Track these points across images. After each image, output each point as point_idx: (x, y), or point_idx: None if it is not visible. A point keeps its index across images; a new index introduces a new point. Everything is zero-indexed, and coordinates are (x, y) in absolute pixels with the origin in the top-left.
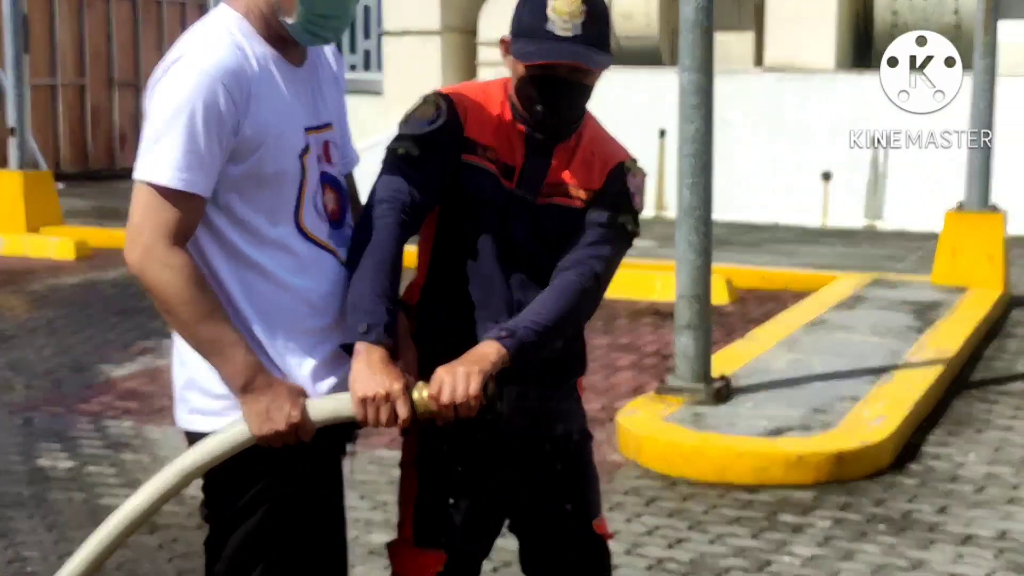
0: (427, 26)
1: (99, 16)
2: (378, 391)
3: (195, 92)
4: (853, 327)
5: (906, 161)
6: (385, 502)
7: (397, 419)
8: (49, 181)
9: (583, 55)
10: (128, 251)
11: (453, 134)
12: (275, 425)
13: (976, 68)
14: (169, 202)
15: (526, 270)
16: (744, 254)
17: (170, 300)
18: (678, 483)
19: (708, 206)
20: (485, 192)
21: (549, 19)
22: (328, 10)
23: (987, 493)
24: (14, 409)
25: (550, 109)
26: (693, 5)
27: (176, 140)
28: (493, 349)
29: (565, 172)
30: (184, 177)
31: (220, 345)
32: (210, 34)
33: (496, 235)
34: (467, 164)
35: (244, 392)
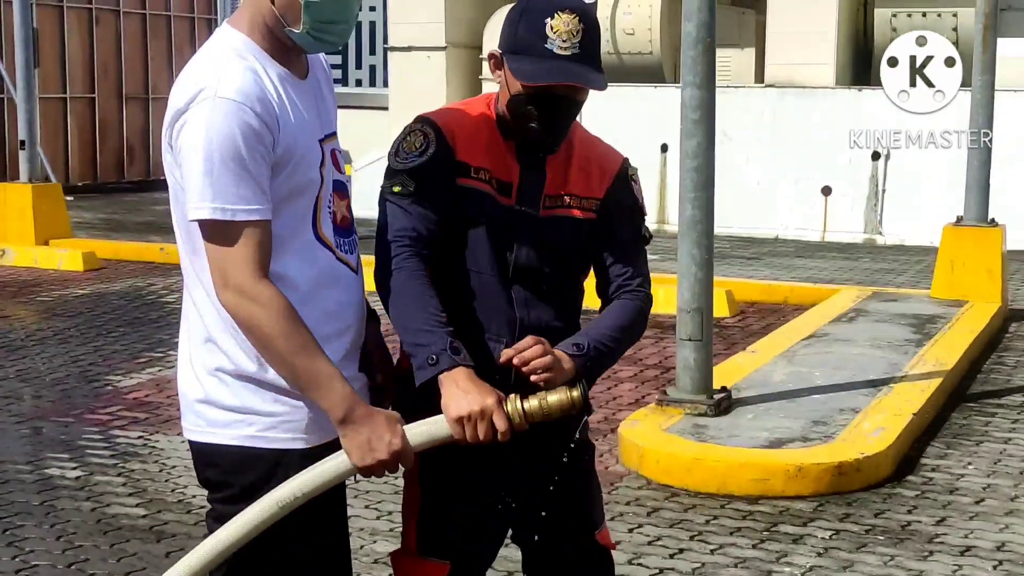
0: (432, 42)
1: (109, 30)
2: (473, 408)
3: (230, 122)
4: (853, 340)
5: (905, 175)
6: (390, 511)
7: (496, 433)
8: (58, 193)
9: (586, 76)
10: (220, 292)
11: (444, 161)
12: (378, 455)
13: (975, 84)
14: (243, 235)
15: (530, 287)
16: (745, 267)
17: (267, 336)
18: (679, 494)
19: (710, 220)
20: (484, 213)
21: (548, 38)
22: (333, 15)
23: (986, 505)
24: (23, 419)
25: (546, 126)
26: (695, 21)
27: (229, 172)
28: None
29: (564, 183)
30: (249, 207)
31: (318, 377)
32: (224, 61)
33: (499, 254)
34: (462, 187)
35: (344, 423)
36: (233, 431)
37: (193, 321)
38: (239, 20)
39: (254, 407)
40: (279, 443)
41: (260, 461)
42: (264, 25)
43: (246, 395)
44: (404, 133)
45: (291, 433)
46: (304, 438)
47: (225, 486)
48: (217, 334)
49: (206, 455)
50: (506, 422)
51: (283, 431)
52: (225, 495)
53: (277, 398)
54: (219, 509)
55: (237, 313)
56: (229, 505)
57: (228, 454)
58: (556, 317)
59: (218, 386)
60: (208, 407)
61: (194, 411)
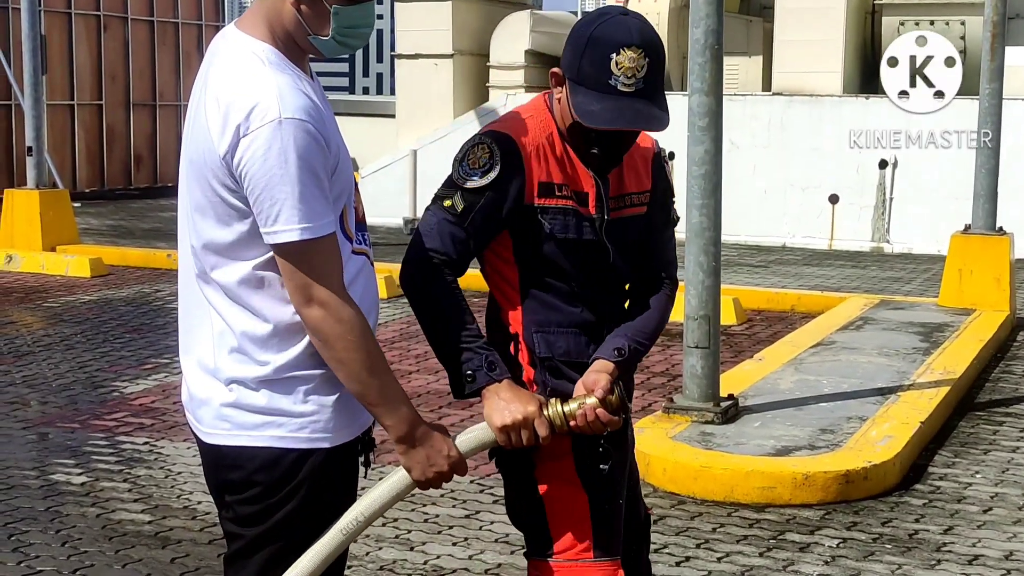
0: (439, 49)
1: (117, 37)
2: (516, 417)
3: (301, 143)
4: (860, 348)
5: (913, 183)
6: (395, 518)
7: (538, 438)
8: (66, 200)
9: (647, 117)
10: (305, 310)
11: (508, 185)
12: (439, 468)
13: (983, 92)
14: (323, 251)
15: (609, 289)
16: (752, 275)
17: (347, 350)
18: (686, 501)
19: (717, 228)
20: (572, 228)
21: (613, 74)
22: (358, 20)
23: (994, 513)
24: (29, 424)
25: (606, 153)
26: (703, 28)
27: (310, 193)
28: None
29: (622, 183)
30: (326, 221)
31: (387, 396)
32: (265, 73)
33: (584, 264)
34: (544, 208)
35: (404, 442)
36: (263, 432)
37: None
38: (253, 27)
39: (284, 408)
40: (307, 443)
41: (288, 461)
42: (284, 32)
43: (276, 397)
44: (472, 142)
45: (319, 432)
46: (331, 436)
47: (251, 485)
48: (246, 342)
49: (230, 458)
50: (547, 427)
51: (311, 431)
52: (249, 495)
53: (306, 399)
54: (241, 510)
55: (319, 329)
56: (251, 505)
57: (255, 455)
58: (622, 310)
59: (246, 390)
60: (236, 410)
61: (219, 415)
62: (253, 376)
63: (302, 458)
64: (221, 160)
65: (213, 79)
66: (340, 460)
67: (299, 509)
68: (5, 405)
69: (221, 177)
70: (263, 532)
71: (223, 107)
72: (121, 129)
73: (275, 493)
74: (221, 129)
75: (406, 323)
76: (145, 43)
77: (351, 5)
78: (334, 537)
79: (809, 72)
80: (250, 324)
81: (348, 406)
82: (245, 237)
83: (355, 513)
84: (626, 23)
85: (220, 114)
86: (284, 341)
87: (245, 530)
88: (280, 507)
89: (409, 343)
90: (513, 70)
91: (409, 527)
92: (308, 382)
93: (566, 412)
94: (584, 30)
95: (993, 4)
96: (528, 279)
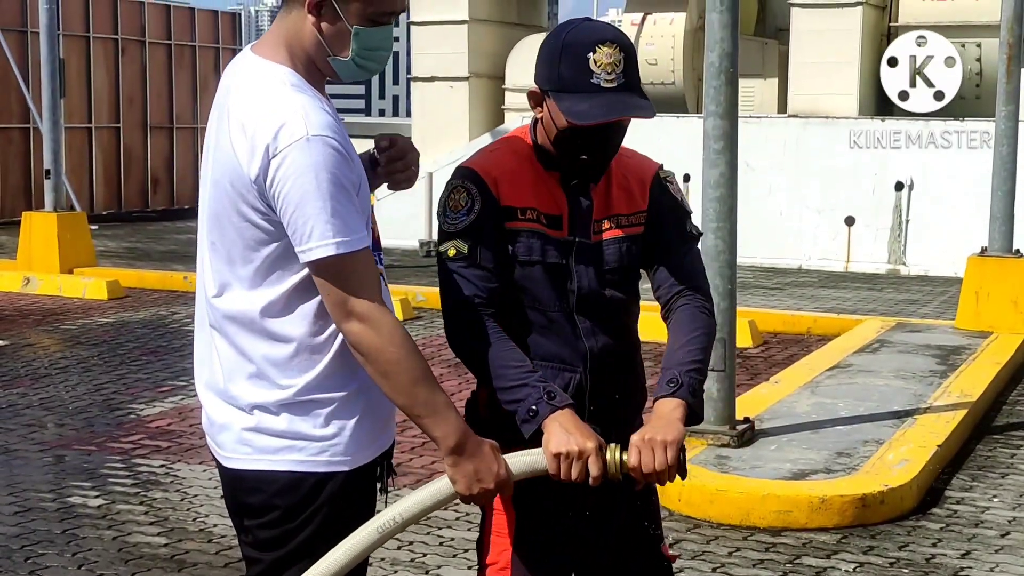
0: (455, 72)
1: (134, 61)
2: (572, 448)
3: (329, 159)
4: (877, 371)
5: (929, 205)
6: (411, 541)
7: (588, 476)
8: (83, 222)
9: (636, 106)
10: (345, 325)
11: (491, 212)
12: (485, 485)
13: (998, 114)
14: (358, 264)
15: (594, 314)
16: (768, 297)
17: (391, 362)
18: (702, 525)
19: (733, 250)
20: (536, 251)
21: (593, 72)
22: (379, 43)
23: (1012, 538)
24: (46, 447)
25: (595, 157)
26: (718, 51)
27: (342, 207)
28: (677, 408)
29: (608, 205)
30: (360, 235)
31: (435, 407)
32: (289, 94)
33: (560, 288)
34: (511, 231)
35: (454, 453)
36: (283, 456)
37: (229, 358)
38: (273, 50)
39: (304, 431)
40: (327, 466)
41: (308, 484)
42: (304, 55)
43: (296, 420)
44: (448, 190)
45: (339, 456)
46: (350, 459)
47: (270, 509)
48: (266, 366)
49: (250, 482)
50: (600, 468)
51: (332, 454)
52: (269, 519)
53: (327, 423)
54: (260, 534)
55: (361, 342)
56: (270, 529)
57: (275, 479)
58: (619, 337)
59: (267, 415)
60: (256, 435)
61: (240, 440)
62: (274, 400)
63: (322, 482)
64: (252, 183)
65: (235, 105)
66: (359, 482)
67: (318, 533)
68: (22, 427)
69: (252, 201)
70: (282, 556)
71: (250, 131)
72: (138, 152)
73: (295, 517)
74: (250, 153)
75: (422, 344)
76: (162, 66)
77: (373, 26)
78: (369, 535)
79: (824, 94)
80: (271, 348)
81: (367, 428)
82: (273, 262)
83: (393, 512)
84: (593, 24)
85: (247, 138)
86: (305, 362)
87: (264, 554)
88: (299, 531)
89: None
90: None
91: (424, 550)
92: (328, 405)
93: (623, 460)
94: (554, 40)
95: (1008, 26)
96: (503, 310)
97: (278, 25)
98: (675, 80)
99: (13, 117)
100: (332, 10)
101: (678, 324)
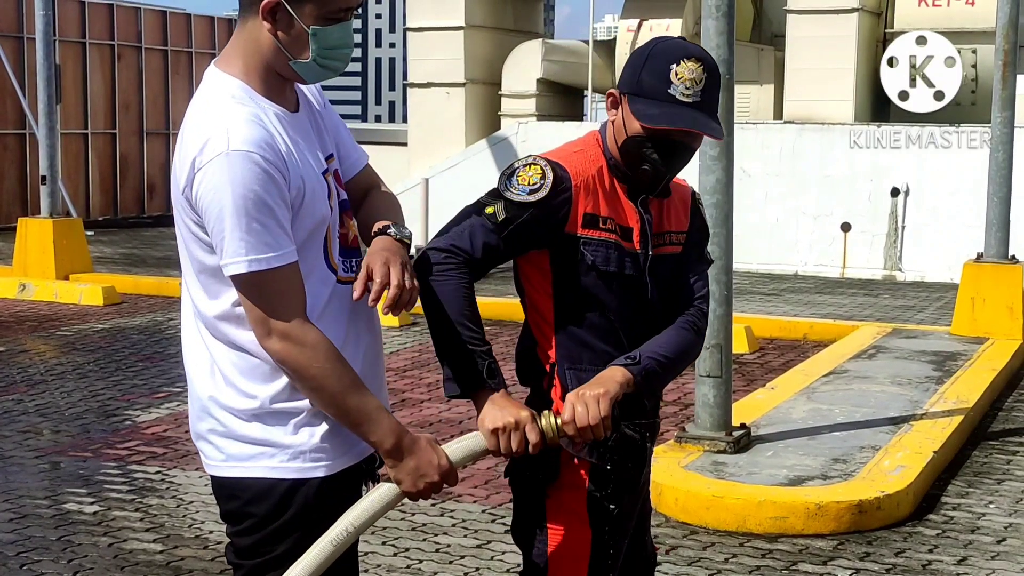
0: (451, 78)
1: (130, 66)
2: (508, 420)
3: (247, 174)
4: (873, 377)
5: (925, 212)
6: (407, 548)
7: (528, 445)
8: (79, 228)
9: (707, 124)
10: (266, 343)
11: (551, 210)
12: (429, 478)
13: (994, 121)
14: (276, 282)
15: (646, 325)
16: (764, 304)
17: (316, 377)
18: (698, 532)
19: (729, 256)
20: (612, 262)
21: (672, 84)
22: (338, 40)
23: (1008, 544)
24: (41, 453)
25: (659, 169)
26: (714, 57)
27: (257, 224)
28: (619, 373)
29: (664, 220)
30: (279, 252)
31: (367, 413)
32: (226, 109)
33: (626, 299)
34: (587, 239)
35: (392, 454)
36: (255, 463)
37: (206, 363)
38: (230, 64)
39: (275, 439)
40: (300, 472)
41: (280, 491)
42: (261, 65)
43: (267, 428)
44: (525, 161)
45: (312, 462)
46: (325, 465)
47: (245, 517)
48: (234, 375)
49: (227, 488)
50: (538, 435)
51: (304, 460)
52: (244, 527)
53: (298, 429)
54: (237, 542)
55: (285, 360)
56: (247, 536)
57: (249, 486)
58: None
59: (238, 421)
60: (228, 441)
61: (214, 446)
62: (243, 408)
63: (294, 488)
64: (182, 195)
65: (186, 118)
66: (337, 489)
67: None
68: (18, 434)
69: (188, 212)
70: (260, 564)
71: (185, 144)
72: (134, 157)
73: (270, 524)
74: (181, 165)
75: (418, 351)
76: (158, 72)
77: (329, 25)
78: (324, 548)
79: (820, 100)
80: (235, 357)
81: (342, 435)
82: (219, 272)
83: (345, 523)
84: (684, 42)
85: (183, 150)
86: (269, 374)
87: (243, 561)
88: (276, 539)
89: (420, 371)
90: (525, 98)
91: (420, 556)
92: (298, 414)
93: (559, 424)
94: (644, 49)
95: (1004, 33)
96: (563, 314)
97: (236, 36)
98: None
99: (9, 123)
100: (286, 13)
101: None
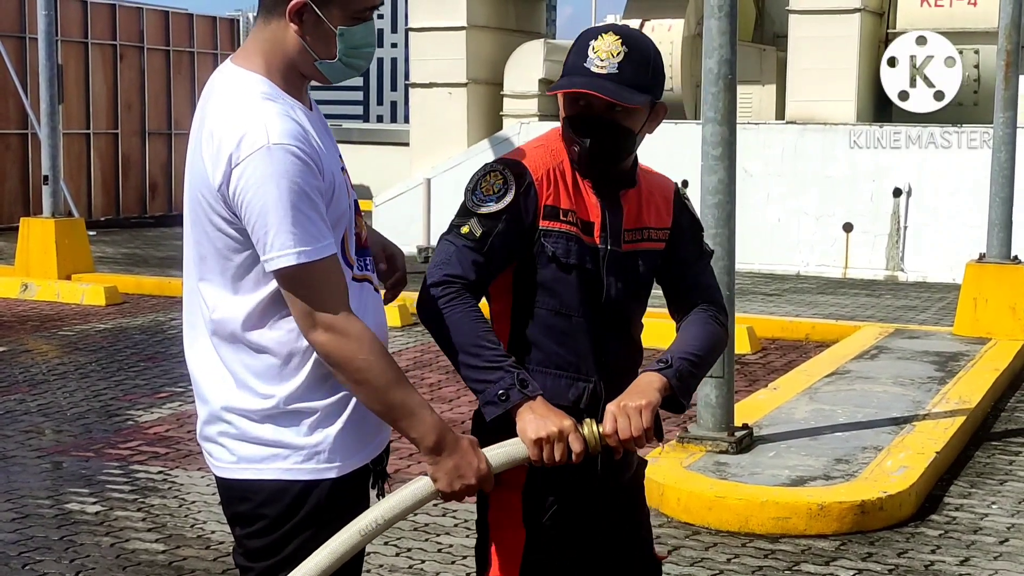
0: (453, 78)
1: (132, 66)
2: (551, 430)
3: (289, 167)
4: (875, 377)
5: (927, 212)
6: (409, 548)
7: (571, 454)
8: (81, 228)
9: (604, 87)
10: (312, 335)
11: (521, 210)
12: (466, 480)
13: (996, 121)
14: (322, 273)
15: (614, 326)
16: (766, 304)
17: (362, 369)
18: (700, 532)
19: (731, 256)
20: (572, 255)
21: (588, 57)
22: (362, 40)
23: (1011, 544)
24: (43, 453)
25: (588, 147)
26: (716, 58)
27: (303, 216)
28: (656, 379)
29: (640, 216)
30: (324, 243)
31: (410, 408)
32: (259, 104)
33: (587, 295)
34: (547, 231)
35: (434, 452)
36: (268, 465)
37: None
38: (250, 61)
39: (289, 440)
40: (312, 474)
41: (294, 492)
42: (284, 64)
43: (280, 429)
44: (483, 171)
45: (325, 463)
46: (337, 466)
47: (258, 519)
48: (248, 377)
49: (238, 491)
50: (581, 444)
51: (317, 462)
52: (256, 528)
53: (311, 431)
54: (248, 544)
55: (331, 353)
56: (259, 539)
57: (261, 488)
58: (630, 347)
59: (251, 423)
60: (240, 443)
61: (225, 448)
62: (256, 409)
63: (307, 490)
64: (217, 192)
65: (209, 115)
66: (348, 490)
67: (307, 541)
68: (20, 434)
69: (219, 209)
70: (272, 565)
71: (216, 140)
72: (136, 157)
73: (282, 525)
74: (215, 161)
75: (419, 351)
76: (160, 72)
77: (354, 24)
78: (351, 537)
79: (822, 100)
80: (251, 359)
81: (354, 436)
82: (245, 271)
83: (375, 515)
84: (616, 25)
85: (214, 147)
86: (285, 373)
87: (254, 564)
88: (287, 540)
89: (422, 371)
90: (527, 99)
91: (423, 557)
92: (311, 414)
93: (600, 433)
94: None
95: (1006, 33)
96: (519, 312)
97: (255, 35)
98: (673, 87)
99: (11, 123)
100: (313, 14)
101: (688, 324)
